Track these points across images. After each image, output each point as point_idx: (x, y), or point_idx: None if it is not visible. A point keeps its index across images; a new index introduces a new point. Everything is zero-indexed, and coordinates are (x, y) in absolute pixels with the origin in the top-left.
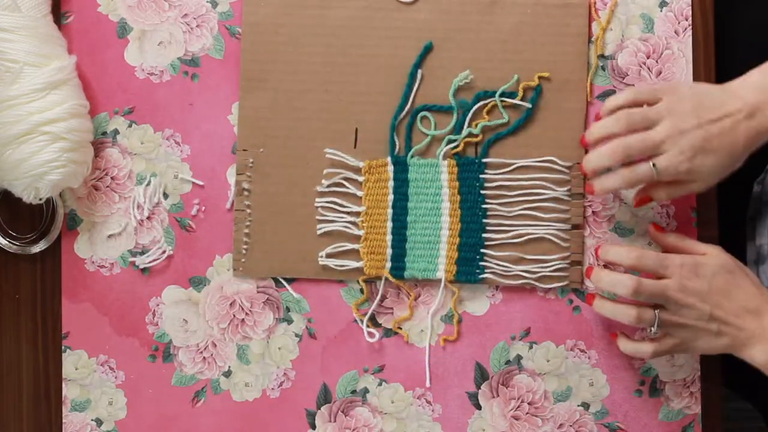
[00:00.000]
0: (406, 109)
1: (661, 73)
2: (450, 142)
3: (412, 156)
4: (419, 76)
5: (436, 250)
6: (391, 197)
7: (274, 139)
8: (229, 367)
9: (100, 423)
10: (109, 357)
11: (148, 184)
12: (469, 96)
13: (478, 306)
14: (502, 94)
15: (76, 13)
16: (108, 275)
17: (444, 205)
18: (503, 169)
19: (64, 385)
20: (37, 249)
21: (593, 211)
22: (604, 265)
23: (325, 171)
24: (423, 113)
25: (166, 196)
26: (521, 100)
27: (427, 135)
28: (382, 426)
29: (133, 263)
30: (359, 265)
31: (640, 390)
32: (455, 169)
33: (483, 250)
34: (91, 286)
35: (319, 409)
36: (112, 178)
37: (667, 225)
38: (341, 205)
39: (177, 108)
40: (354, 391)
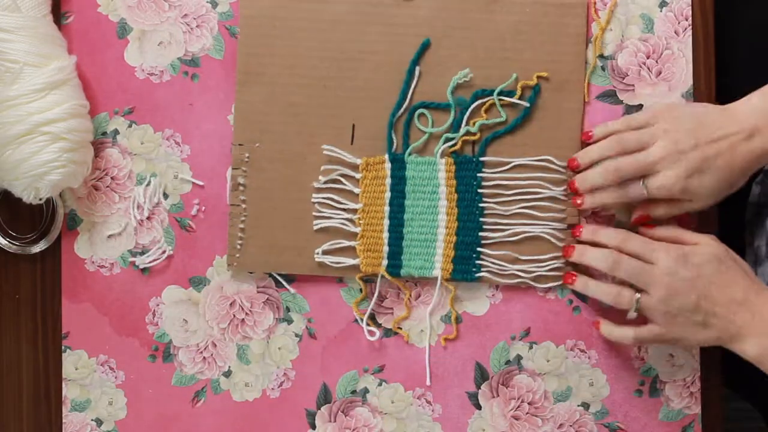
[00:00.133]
0: (404, 106)
1: (661, 73)
2: (448, 140)
3: (410, 153)
4: (417, 73)
5: (433, 248)
6: (388, 195)
7: (270, 134)
8: (229, 367)
9: (100, 423)
10: (109, 357)
11: (148, 184)
12: (467, 94)
13: (478, 306)
14: (501, 93)
15: (76, 13)
16: (108, 275)
17: (441, 203)
18: (500, 168)
19: (64, 385)
20: (37, 249)
21: (593, 211)
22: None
23: (322, 167)
24: (421, 111)
25: (166, 196)
26: (519, 99)
27: (424, 132)
28: (382, 426)
29: (133, 263)
30: (356, 262)
31: (640, 390)
32: (452, 168)
33: (479, 249)
34: (91, 286)
35: (319, 409)
36: (112, 178)
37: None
38: (338, 202)
39: (177, 108)
40: (354, 391)
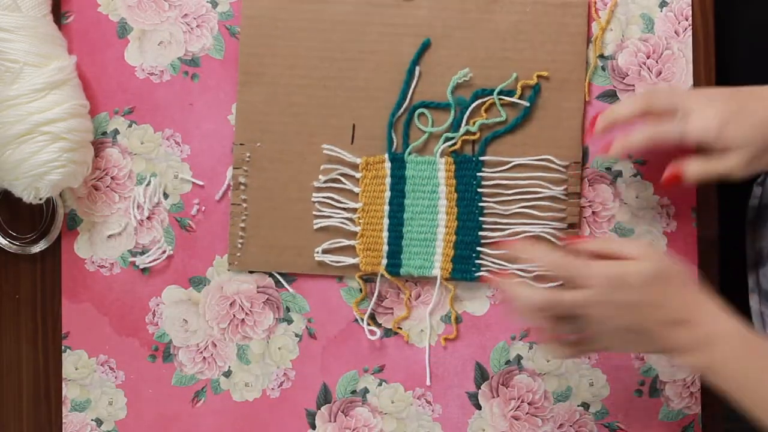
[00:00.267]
0: (404, 105)
1: (661, 73)
2: (447, 139)
3: (410, 153)
4: (417, 73)
5: (433, 247)
6: (388, 194)
7: (271, 134)
8: (229, 367)
9: (100, 423)
10: (109, 357)
11: (148, 184)
12: (467, 94)
13: (478, 306)
14: (501, 93)
15: (76, 13)
16: (108, 275)
17: (441, 203)
18: (500, 168)
19: (64, 385)
20: (37, 249)
21: (593, 212)
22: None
23: (322, 167)
24: (421, 110)
25: (166, 196)
26: (519, 98)
27: (424, 132)
28: (382, 426)
29: (133, 263)
30: (355, 261)
31: (640, 390)
32: (452, 167)
33: (479, 248)
34: (91, 286)
35: (319, 409)
36: (112, 178)
37: (667, 225)
38: (338, 201)
39: (177, 108)
40: (354, 391)
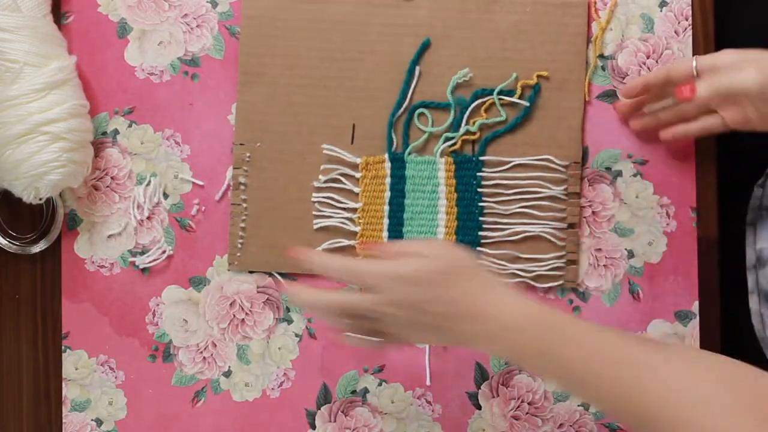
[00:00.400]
0: (404, 105)
1: None
2: (447, 139)
3: (410, 153)
4: (417, 73)
5: None
6: (387, 194)
7: (271, 134)
8: (229, 367)
9: (100, 423)
10: (109, 357)
11: (148, 184)
12: (467, 93)
13: None
14: (500, 92)
15: (76, 13)
16: (108, 275)
17: (441, 203)
18: (500, 167)
19: (64, 385)
20: (37, 249)
21: (593, 211)
22: None
23: (322, 167)
24: (420, 110)
25: (166, 196)
26: (519, 98)
27: (424, 132)
28: (382, 426)
29: (133, 263)
30: None
31: None
32: (452, 167)
33: (479, 248)
34: (91, 286)
35: (319, 409)
36: (112, 178)
37: (667, 225)
38: (338, 201)
39: (177, 108)
40: (354, 391)
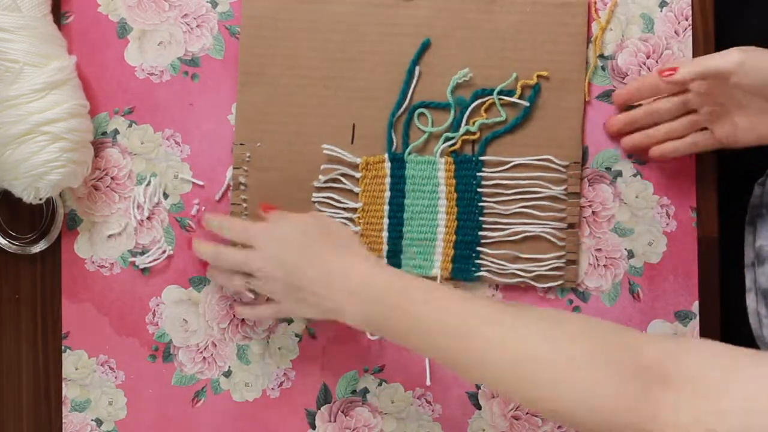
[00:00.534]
0: (404, 105)
1: None
2: (447, 139)
3: (410, 153)
4: (417, 73)
5: (432, 247)
6: (387, 194)
7: (271, 134)
8: (229, 367)
9: (100, 423)
10: (109, 357)
11: (148, 184)
12: (467, 93)
13: None
14: (500, 92)
15: (76, 13)
16: (108, 275)
17: (441, 203)
18: (500, 167)
19: (64, 385)
20: (37, 249)
21: (593, 211)
22: None
23: (322, 167)
24: (420, 110)
25: (166, 196)
26: (519, 98)
27: (424, 132)
28: (382, 426)
29: (133, 263)
30: None
31: None
32: (452, 167)
33: (479, 248)
34: (91, 286)
35: (319, 409)
36: (112, 178)
37: (667, 225)
38: (338, 201)
39: (177, 108)
40: (354, 391)
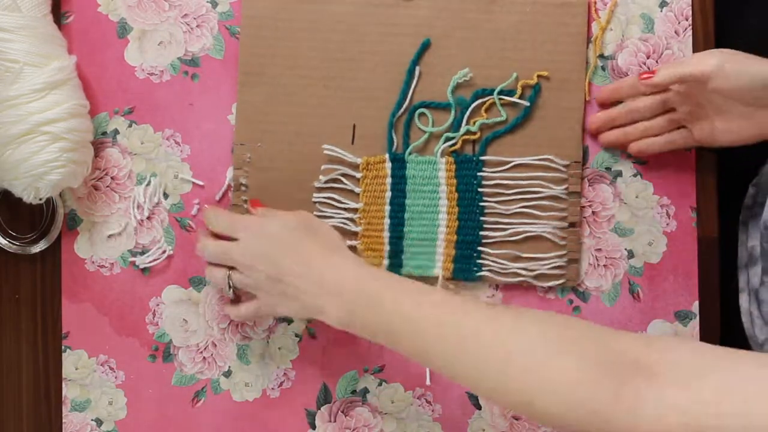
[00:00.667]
0: (404, 105)
1: None
2: (448, 139)
3: (410, 153)
4: (417, 73)
5: (433, 247)
6: (388, 194)
7: (271, 134)
8: (229, 367)
9: (100, 423)
10: (109, 357)
11: (148, 184)
12: (468, 93)
13: None
14: (501, 92)
15: (76, 13)
16: (108, 275)
17: (441, 203)
18: (501, 167)
19: (64, 385)
20: (37, 249)
21: (593, 211)
22: None
23: (323, 167)
24: (421, 110)
25: (166, 196)
26: (519, 98)
27: (425, 132)
28: (382, 426)
29: (133, 263)
30: None
31: None
32: (453, 167)
33: (480, 248)
34: (91, 286)
35: (319, 409)
36: (112, 178)
37: (667, 225)
38: (339, 201)
39: (177, 108)
40: (354, 391)
